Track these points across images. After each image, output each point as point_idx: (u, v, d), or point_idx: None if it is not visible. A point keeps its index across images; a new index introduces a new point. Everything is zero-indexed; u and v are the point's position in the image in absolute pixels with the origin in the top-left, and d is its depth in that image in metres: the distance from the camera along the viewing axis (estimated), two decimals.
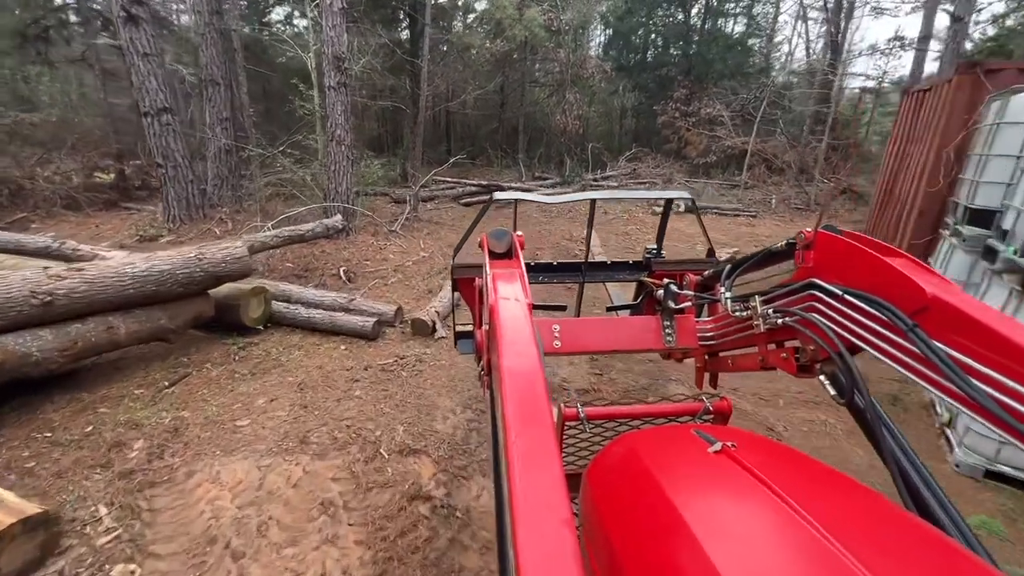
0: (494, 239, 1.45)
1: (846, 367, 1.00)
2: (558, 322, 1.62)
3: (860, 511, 0.71)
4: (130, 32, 5.74)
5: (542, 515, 0.57)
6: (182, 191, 6.63)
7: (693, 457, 0.87)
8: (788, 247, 1.26)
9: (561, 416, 1.34)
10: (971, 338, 0.80)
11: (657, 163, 19.24)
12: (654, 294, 1.82)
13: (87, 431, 2.80)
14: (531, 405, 0.75)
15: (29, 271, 2.92)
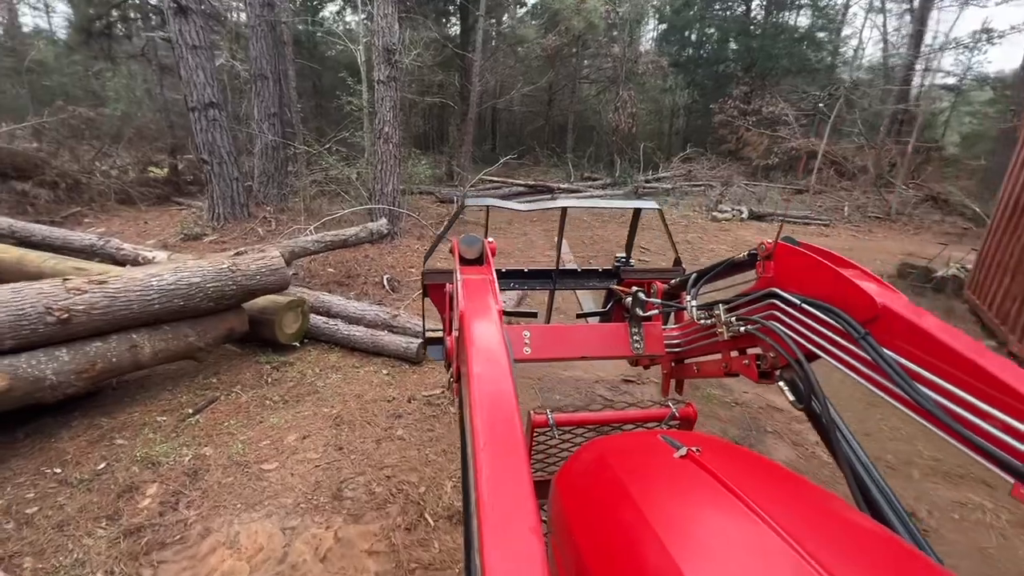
0: (465, 245, 1.42)
1: (804, 374, 1.03)
2: (528, 328, 1.62)
3: (817, 513, 0.74)
4: (179, 24, 5.56)
5: (509, 522, 0.56)
6: (227, 189, 6.44)
7: (659, 462, 0.89)
8: (750, 257, 1.29)
9: (530, 423, 1.34)
10: (918, 346, 0.84)
11: (712, 164, 18.15)
12: (623, 302, 1.84)
13: (99, 469, 2.47)
14: (500, 412, 0.75)
15: (47, 284, 2.62)
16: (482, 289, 1.19)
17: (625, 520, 0.75)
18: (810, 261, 1.08)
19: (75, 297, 2.62)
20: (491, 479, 0.62)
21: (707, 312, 1.36)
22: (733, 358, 1.36)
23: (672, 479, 0.83)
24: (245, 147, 8.61)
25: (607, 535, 0.76)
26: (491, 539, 0.54)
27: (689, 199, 13.48)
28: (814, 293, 1.06)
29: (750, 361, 1.28)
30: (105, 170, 8.53)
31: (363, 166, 7.35)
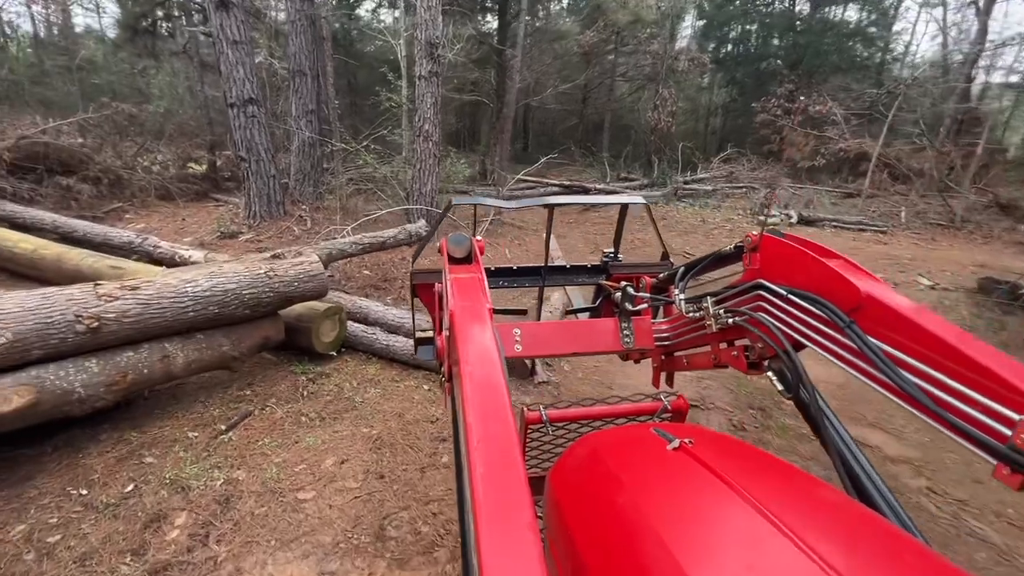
0: (453, 244, 1.42)
1: (792, 363, 1.04)
2: (519, 326, 1.62)
3: (808, 500, 0.74)
4: (220, 18, 5.46)
5: (505, 519, 0.56)
6: (264, 186, 6.34)
7: (653, 455, 0.89)
8: (736, 250, 1.29)
9: (524, 419, 1.35)
10: (901, 333, 0.85)
11: (753, 166, 17.40)
12: (612, 297, 1.84)
13: (127, 491, 2.28)
14: (493, 409, 0.75)
15: (77, 289, 2.45)
16: (471, 288, 1.19)
17: (620, 514, 0.76)
18: (795, 252, 1.09)
19: (106, 304, 2.44)
20: (486, 476, 0.62)
21: (695, 305, 1.38)
22: (722, 350, 1.37)
23: (666, 471, 0.84)
24: (282, 144, 8.54)
25: (603, 529, 0.77)
26: (487, 536, 0.54)
27: (731, 202, 12.90)
28: (800, 284, 1.07)
29: (739, 352, 1.29)
30: (146, 166, 8.60)
31: (399, 165, 7.16)
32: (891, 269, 7.08)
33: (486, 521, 0.56)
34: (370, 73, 15.85)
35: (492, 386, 0.80)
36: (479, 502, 0.58)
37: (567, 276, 2.22)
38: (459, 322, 1.01)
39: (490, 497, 0.59)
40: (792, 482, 0.80)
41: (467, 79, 13.28)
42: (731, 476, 0.75)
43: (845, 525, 0.68)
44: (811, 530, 0.62)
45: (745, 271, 1.25)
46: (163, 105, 11.98)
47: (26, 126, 7.15)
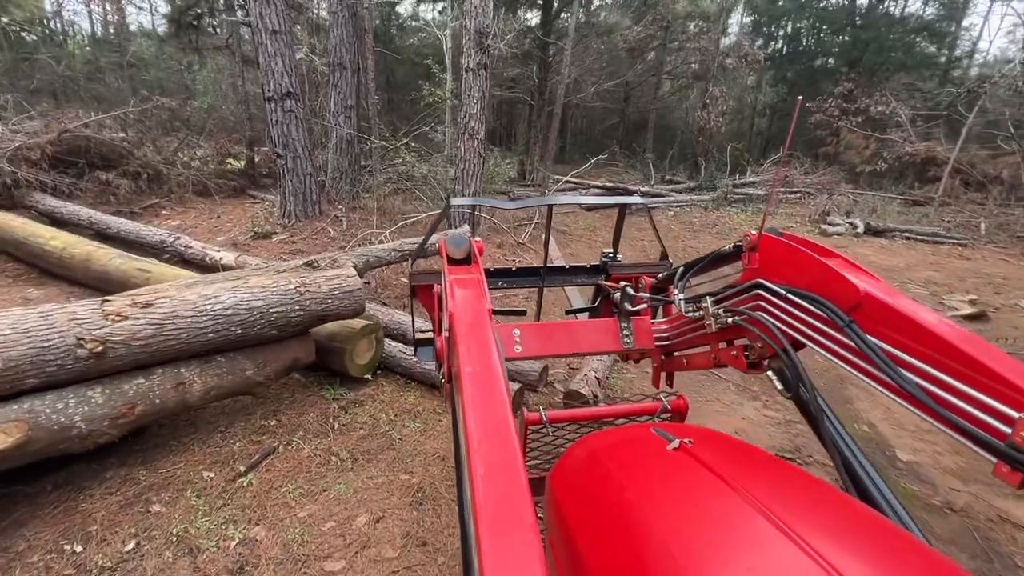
0: (453, 245, 1.41)
1: (791, 362, 1.05)
2: (519, 327, 1.62)
3: (809, 499, 0.74)
4: (260, 6, 5.18)
5: (506, 520, 0.56)
6: (299, 185, 6.05)
7: (653, 455, 0.89)
8: (735, 250, 1.28)
9: (524, 420, 1.34)
10: (900, 331, 0.85)
11: (806, 169, 16.37)
12: (611, 297, 1.86)
13: (127, 550, 1.92)
14: (493, 411, 0.75)
15: (82, 307, 2.11)
16: (471, 289, 1.19)
17: (620, 514, 0.76)
18: (794, 252, 1.10)
19: (113, 325, 2.09)
20: (486, 478, 0.62)
21: (695, 305, 1.38)
22: (722, 349, 1.36)
23: (666, 471, 0.84)
24: (320, 141, 8.29)
25: (603, 530, 0.76)
26: (488, 537, 0.54)
27: (786, 208, 12.05)
28: (799, 283, 1.07)
29: (738, 352, 1.28)
30: (186, 161, 8.50)
31: (439, 163, 6.78)
32: (986, 290, 6.26)
33: (486, 522, 0.56)
34: (409, 69, 15.64)
35: (492, 387, 0.80)
36: (479, 503, 0.59)
37: (566, 277, 2.20)
38: (459, 323, 1.02)
39: (490, 498, 0.59)
40: (792, 482, 0.79)
41: (506, 75, 12.87)
42: (731, 476, 0.75)
43: (846, 524, 0.67)
44: (812, 529, 0.62)
45: (744, 271, 1.24)
46: (207, 101, 12.03)
47: (69, 120, 7.10)
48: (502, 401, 0.77)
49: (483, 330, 0.98)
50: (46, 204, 6.18)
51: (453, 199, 1.86)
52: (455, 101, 5.88)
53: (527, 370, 3.12)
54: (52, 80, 16.72)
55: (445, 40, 6.49)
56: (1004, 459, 0.68)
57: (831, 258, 1.03)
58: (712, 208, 11.35)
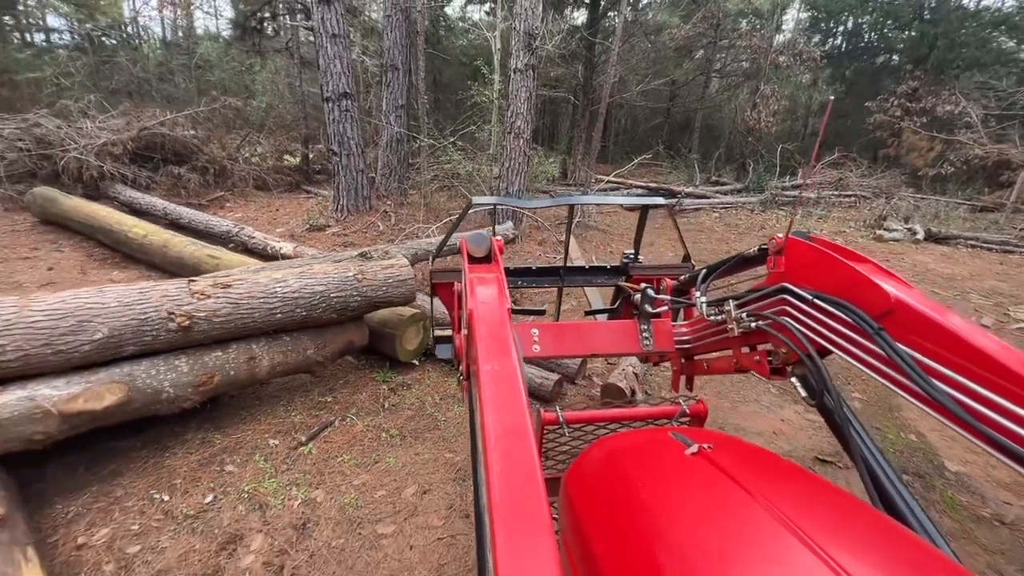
0: (473, 244, 1.41)
1: (816, 369, 1.02)
2: (537, 326, 1.62)
3: (832, 510, 0.72)
4: (322, 11, 5.50)
5: (521, 520, 0.56)
6: (352, 181, 6.37)
7: (670, 460, 0.88)
8: (760, 252, 1.27)
9: (541, 420, 1.33)
10: (932, 340, 0.82)
11: (863, 171, 15.61)
12: (631, 298, 1.83)
13: (206, 502, 2.17)
14: (510, 410, 0.74)
15: (172, 285, 2.38)
16: (491, 287, 1.19)
17: (636, 517, 0.75)
18: (822, 256, 1.08)
19: (198, 303, 2.35)
20: (502, 476, 0.62)
21: (717, 308, 1.35)
22: (744, 354, 1.34)
23: (683, 476, 0.82)
24: (371, 139, 8.65)
25: (618, 533, 0.76)
26: (503, 537, 0.54)
27: (840, 211, 11.58)
28: (826, 288, 1.04)
29: (761, 357, 1.27)
30: (247, 157, 9.05)
31: (484, 162, 6.96)
32: None
33: (502, 521, 0.56)
34: (455, 69, 15.95)
35: (510, 386, 0.79)
36: (495, 502, 0.58)
37: (586, 277, 2.17)
38: (478, 321, 1.01)
39: (506, 497, 0.59)
40: (814, 491, 0.78)
41: (551, 75, 12.92)
42: (751, 483, 0.73)
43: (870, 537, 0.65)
44: (834, 541, 0.60)
45: (769, 274, 1.22)
46: (264, 100, 12.71)
47: (147, 118, 7.71)
48: (520, 400, 0.76)
49: (502, 329, 0.97)
50: (127, 195, 6.76)
51: (475, 198, 1.85)
52: (502, 101, 6.02)
53: (566, 362, 3.23)
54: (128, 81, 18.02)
55: (494, 42, 6.65)
56: None
57: (861, 263, 1.00)
58: (759, 210, 11.05)
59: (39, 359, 2.00)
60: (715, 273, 1.46)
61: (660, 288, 1.80)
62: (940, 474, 2.75)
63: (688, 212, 10.60)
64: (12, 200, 6.50)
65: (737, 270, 1.42)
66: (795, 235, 1.16)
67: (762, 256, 1.26)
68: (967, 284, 6.57)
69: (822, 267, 1.06)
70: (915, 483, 2.67)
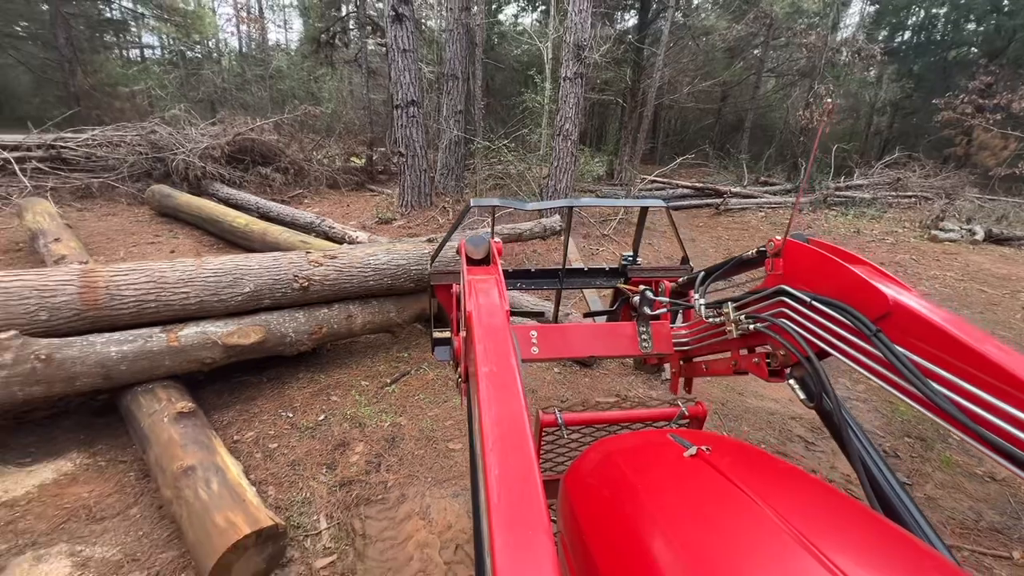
0: (472, 245, 1.42)
1: (815, 371, 1.03)
2: (536, 328, 1.60)
3: (830, 512, 0.73)
4: (395, 30, 6.24)
5: (519, 522, 0.56)
6: (416, 179, 7.11)
7: (669, 461, 0.89)
8: (759, 255, 1.27)
9: (539, 422, 1.34)
10: (930, 343, 0.82)
11: (927, 172, 14.99)
12: (630, 300, 1.85)
13: (319, 420, 2.83)
14: (508, 412, 0.74)
15: (295, 254, 3.08)
16: (489, 289, 1.18)
17: (635, 520, 0.76)
18: (820, 258, 1.07)
19: (314, 269, 3.04)
20: (500, 479, 0.62)
21: (716, 310, 1.34)
22: (742, 356, 1.34)
23: (682, 478, 0.83)
24: (432, 142, 9.41)
25: (616, 535, 0.77)
26: (501, 539, 0.54)
27: (896, 212, 11.32)
28: (824, 290, 1.05)
29: (760, 359, 1.27)
30: (320, 159, 10.05)
31: (534, 162, 7.51)
32: None
33: (500, 522, 0.56)
34: (507, 75, 16.65)
35: (508, 388, 0.80)
36: (493, 503, 0.59)
37: (585, 279, 2.18)
38: (476, 323, 1.02)
39: (504, 499, 0.59)
40: (813, 494, 0.78)
41: (600, 78, 13.31)
42: (749, 485, 0.74)
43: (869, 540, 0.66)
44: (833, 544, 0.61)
45: (767, 276, 1.22)
46: (331, 107, 13.87)
47: (240, 124, 8.80)
48: (518, 402, 0.77)
49: (500, 331, 0.98)
50: (224, 192, 7.79)
51: (473, 200, 1.90)
52: (552, 106, 6.55)
53: None
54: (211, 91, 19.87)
55: (546, 52, 7.20)
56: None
57: (859, 265, 1.01)
58: (808, 210, 11.01)
59: (208, 305, 2.73)
60: (713, 275, 1.46)
61: (659, 290, 1.82)
62: (942, 439, 3.04)
63: (734, 212, 10.72)
64: (133, 196, 7.67)
65: (735, 272, 1.43)
66: (793, 237, 1.16)
67: (760, 258, 1.26)
68: (1022, 284, 6.49)
69: (820, 269, 1.06)
70: (916, 445, 2.99)
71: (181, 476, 2.01)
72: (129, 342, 2.47)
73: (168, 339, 2.57)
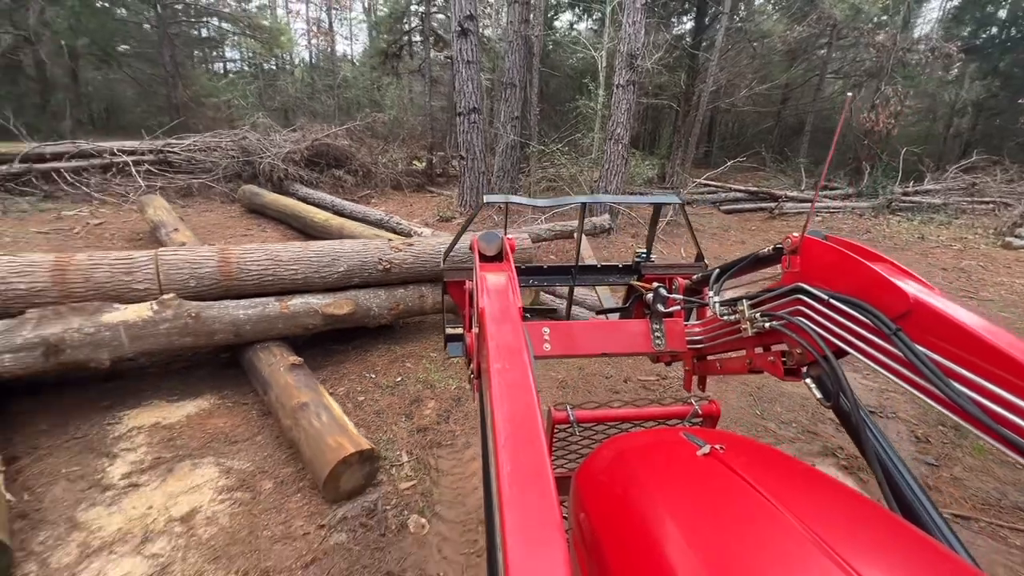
0: (484, 242, 1.44)
1: (832, 370, 1.02)
2: (548, 325, 1.58)
3: (846, 512, 0.72)
4: (460, 43, 6.79)
5: (531, 519, 0.57)
6: (475, 181, 7.64)
7: (682, 460, 0.89)
8: (775, 252, 1.25)
9: (551, 419, 1.34)
10: (952, 342, 0.80)
11: (1011, 176, 14.02)
12: (643, 298, 1.83)
13: (397, 380, 3.33)
14: (520, 409, 0.75)
15: (379, 241, 3.62)
16: (502, 286, 1.18)
17: (647, 518, 0.76)
18: (838, 255, 1.05)
19: (394, 253, 3.56)
20: (512, 475, 0.63)
21: (730, 308, 1.32)
22: (758, 355, 1.33)
23: (695, 477, 0.83)
24: (489, 146, 9.97)
25: (629, 533, 0.76)
26: (513, 536, 0.55)
27: (968, 218, 10.76)
28: (842, 288, 1.03)
29: (775, 358, 1.26)
30: (384, 162, 10.84)
31: (586, 165, 7.86)
32: None
33: (512, 520, 0.56)
34: (560, 81, 17.05)
35: (520, 385, 0.80)
36: (505, 500, 0.59)
37: (598, 276, 2.18)
38: (489, 320, 1.02)
39: (516, 496, 0.59)
40: (830, 494, 0.78)
41: (654, 83, 13.43)
42: (764, 485, 0.74)
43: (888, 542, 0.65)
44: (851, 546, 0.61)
45: (784, 274, 1.20)
46: (392, 113, 14.80)
47: (316, 131, 9.69)
48: (530, 399, 0.77)
49: (513, 328, 0.98)
50: (302, 192, 8.64)
51: (487, 196, 1.89)
52: (605, 112, 6.87)
53: None
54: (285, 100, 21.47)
55: (601, 60, 7.55)
56: None
57: (878, 263, 0.99)
58: (870, 215, 10.69)
59: (311, 280, 3.30)
60: (728, 273, 1.44)
61: (672, 287, 1.81)
62: None
63: (790, 216, 10.58)
64: (225, 195, 8.66)
65: (751, 270, 1.41)
66: (810, 234, 1.14)
67: (777, 256, 1.25)
68: None
69: (838, 267, 1.05)
70: (949, 432, 3.12)
71: (298, 409, 2.54)
72: (253, 307, 3.06)
73: (281, 307, 3.15)
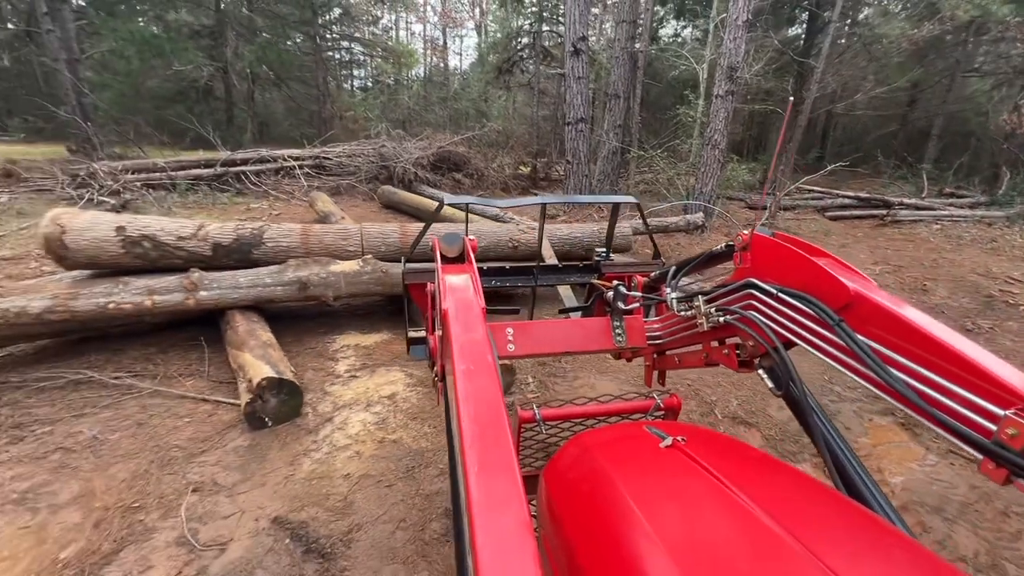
0: (446, 243, 1.50)
1: (782, 361, 1.06)
2: (511, 325, 1.61)
3: (799, 495, 0.79)
4: (572, 61, 7.71)
5: (500, 518, 0.58)
6: (579, 184, 8.51)
7: (646, 453, 0.93)
8: (728, 249, 1.31)
9: (517, 418, 1.34)
10: (890, 331, 0.85)
11: None
12: (604, 296, 1.86)
13: None
14: (486, 409, 0.76)
15: (509, 225, 4.62)
16: (464, 287, 1.20)
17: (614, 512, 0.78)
18: (785, 251, 1.11)
19: (521, 235, 4.54)
20: (480, 476, 0.63)
21: (687, 304, 1.38)
22: (713, 348, 1.39)
23: (659, 469, 0.87)
24: (592, 153, 10.82)
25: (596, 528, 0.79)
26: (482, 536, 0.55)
27: None
28: (790, 282, 1.08)
29: (730, 351, 1.30)
30: (495, 167, 12.10)
31: (683, 169, 8.38)
32: None
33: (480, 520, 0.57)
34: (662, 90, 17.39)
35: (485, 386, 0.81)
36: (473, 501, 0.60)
37: (559, 275, 2.26)
38: (452, 322, 1.03)
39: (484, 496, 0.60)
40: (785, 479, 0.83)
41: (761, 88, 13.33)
42: (724, 473, 0.77)
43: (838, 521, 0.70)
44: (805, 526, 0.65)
45: (736, 270, 1.26)
46: (499, 123, 16.14)
47: (441, 140, 11.18)
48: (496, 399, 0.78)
49: (476, 328, 1.00)
50: (428, 192, 10.08)
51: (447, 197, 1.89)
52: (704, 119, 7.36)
53: None
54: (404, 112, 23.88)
55: (702, 72, 8.05)
56: (989, 456, 0.69)
57: (822, 258, 1.05)
58: (1002, 224, 9.91)
59: None
60: (684, 269, 1.49)
61: (632, 285, 1.83)
62: None
63: (904, 223, 10.16)
64: (366, 194, 10.35)
65: (707, 266, 1.46)
66: (759, 232, 1.19)
67: (729, 252, 1.30)
68: None
69: (786, 262, 1.10)
70: None
71: None
72: None
73: None
